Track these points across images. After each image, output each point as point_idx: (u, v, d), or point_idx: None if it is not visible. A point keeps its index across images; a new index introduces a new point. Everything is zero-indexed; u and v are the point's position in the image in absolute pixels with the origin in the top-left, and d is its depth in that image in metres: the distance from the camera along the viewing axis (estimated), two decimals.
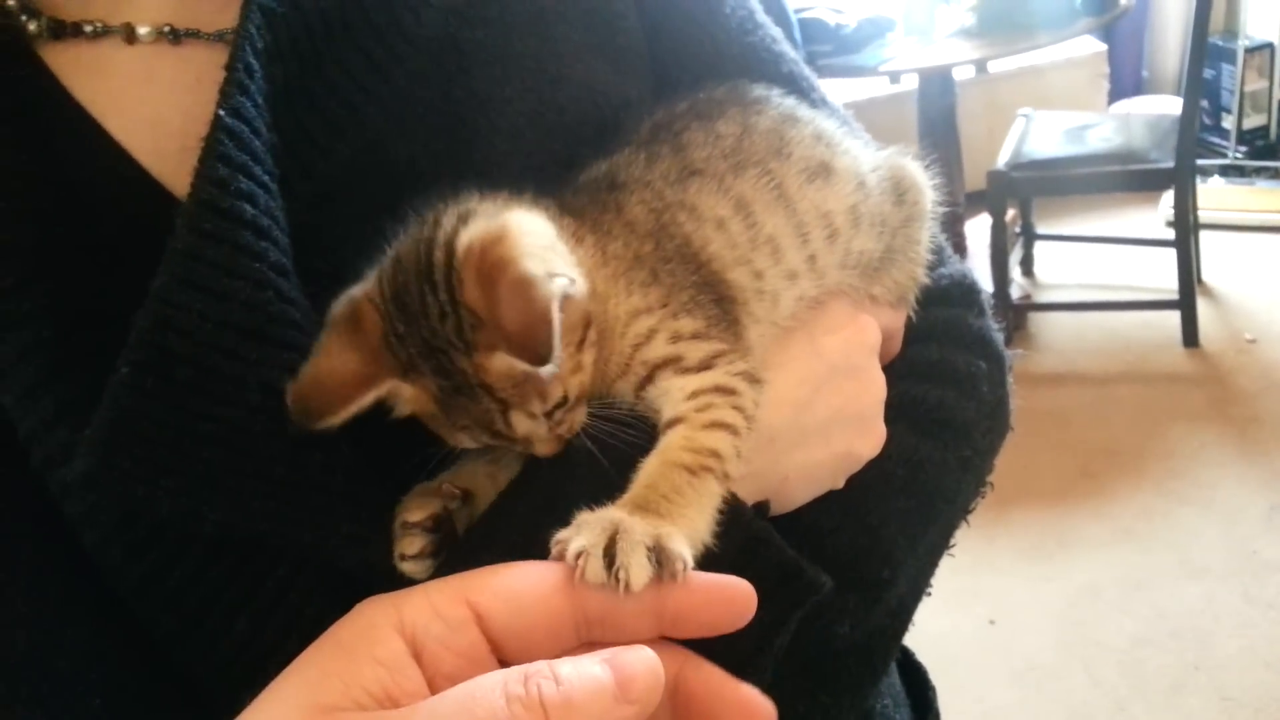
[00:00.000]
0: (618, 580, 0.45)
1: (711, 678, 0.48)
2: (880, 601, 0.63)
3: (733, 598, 0.47)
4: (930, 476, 0.66)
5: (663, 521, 0.49)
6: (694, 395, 0.55)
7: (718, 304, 0.58)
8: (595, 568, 0.45)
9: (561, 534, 0.47)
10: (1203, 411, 3.48)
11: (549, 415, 0.54)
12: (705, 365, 0.56)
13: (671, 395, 0.56)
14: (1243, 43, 4.87)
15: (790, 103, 0.69)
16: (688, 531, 0.50)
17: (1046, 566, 2.97)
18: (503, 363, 0.51)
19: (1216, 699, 2.52)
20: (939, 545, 0.71)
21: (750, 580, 0.52)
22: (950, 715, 0.91)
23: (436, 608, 0.44)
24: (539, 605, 0.45)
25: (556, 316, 0.49)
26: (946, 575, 0.73)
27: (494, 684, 0.40)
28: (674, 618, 0.46)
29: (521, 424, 0.54)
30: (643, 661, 0.42)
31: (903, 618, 0.68)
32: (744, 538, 0.54)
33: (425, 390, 0.53)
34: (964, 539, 0.73)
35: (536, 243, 0.52)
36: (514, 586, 0.45)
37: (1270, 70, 4.91)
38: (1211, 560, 2.89)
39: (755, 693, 0.47)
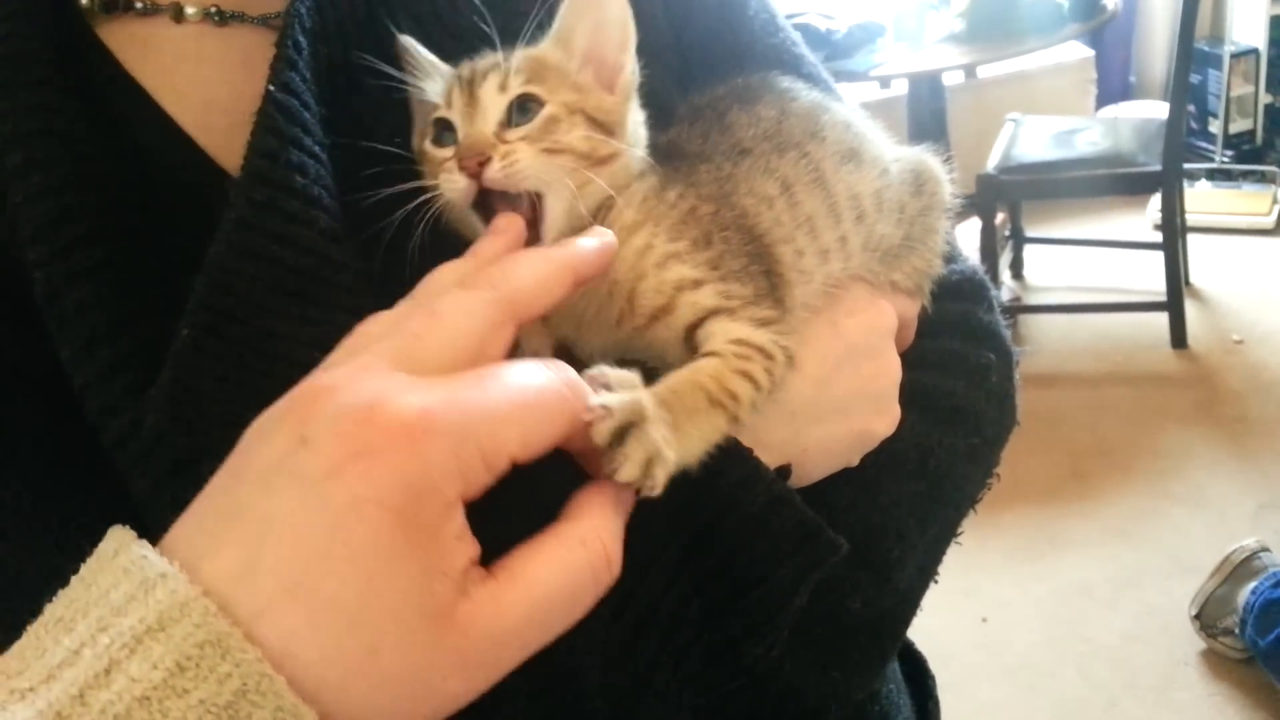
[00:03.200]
0: (611, 464, 0.47)
1: None
2: (890, 580, 0.65)
3: None
4: (940, 462, 0.68)
5: (670, 432, 0.50)
6: (738, 343, 0.56)
7: (766, 276, 0.59)
8: (602, 433, 0.46)
9: (604, 396, 0.48)
10: (1191, 412, 3.51)
11: (508, 121, 0.56)
12: (761, 322, 0.57)
13: (715, 336, 0.57)
14: (1228, 48, 4.91)
15: (817, 94, 0.71)
16: (682, 454, 0.51)
17: (1038, 565, 3.00)
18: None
19: (1206, 694, 2.55)
20: (947, 531, 0.72)
21: (771, 538, 0.56)
22: (944, 713, 0.92)
23: (489, 460, 0.45)
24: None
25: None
26: (939, 574, 0.74)
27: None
28: None
29: (489, 94, 0.57)
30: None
31: (911, 601, 0.70)
32: (767, 497, 0.56)
33: None
34: (955, 545, 0.75)
35: None
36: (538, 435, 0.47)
37: (1256, 75, 4.96)
38: (1201, 558, 2.90)
39: None
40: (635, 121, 0.61)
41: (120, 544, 0.41)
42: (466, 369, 0.44)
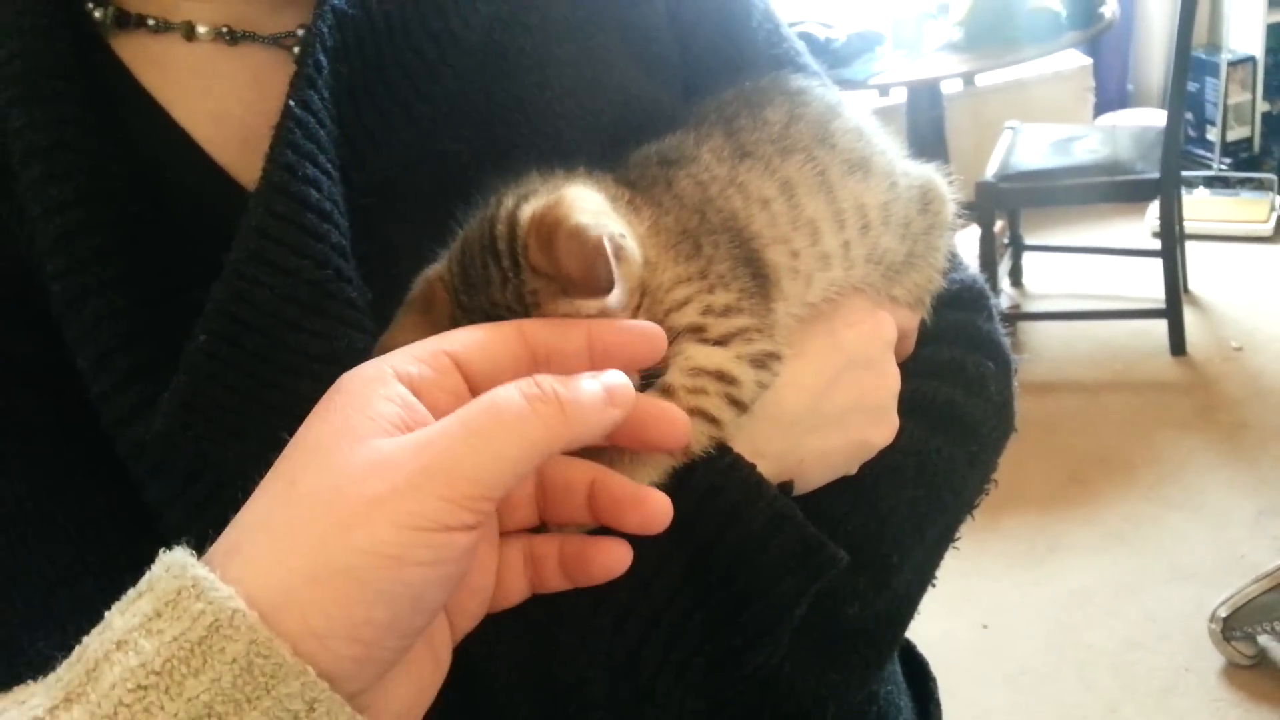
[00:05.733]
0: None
1: (614, 479, 0.53)
2: (888, 586, 0.66)
3: (648, 335, 0.53)
4: (939, 469, 0.69)
5: None
6: (695, 373, 0.57)
7: (754, 278, 0.60)
8: None
9: None
10: (1190, 418, 3.52)
11: None
12: (722, 340, 0.58)
13: (678, 362, 0.57)
14: (1225, 56, 4.92)
15: (832, 96, 0.71)
16: None
17: (1038, 572, 3.00)
18: (568, 309, 0.53)
19: (1206, 700, 2.56)
20: (945, 537, 0.73)
21: (772, 554, 0.56)
22: (945, 719, 0.93)
23: (420, 358, 0.48)
24: (502, 347, 0.50)
25: (609, 247, 0.51)
26: (940, 581, 0.75)
27: (510, 390, 0.45)
28: (602, 354, 0.51)
29: None
30: (619, 377, 0.49)
31: (909, 605, 0.71)
32: (769, 514, 0.57)
33: None
34: (953, 549, 0.75)
35: (588, 205, 0.54)
36: (479, 336, 0.50)
37: (1253, 83, 4.97)
38: (1200, 564, 2.92)
39: (651, 490, 0.52)
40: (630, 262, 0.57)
41: None
42: None
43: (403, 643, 0.43)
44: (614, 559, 0.51)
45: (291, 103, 0.57)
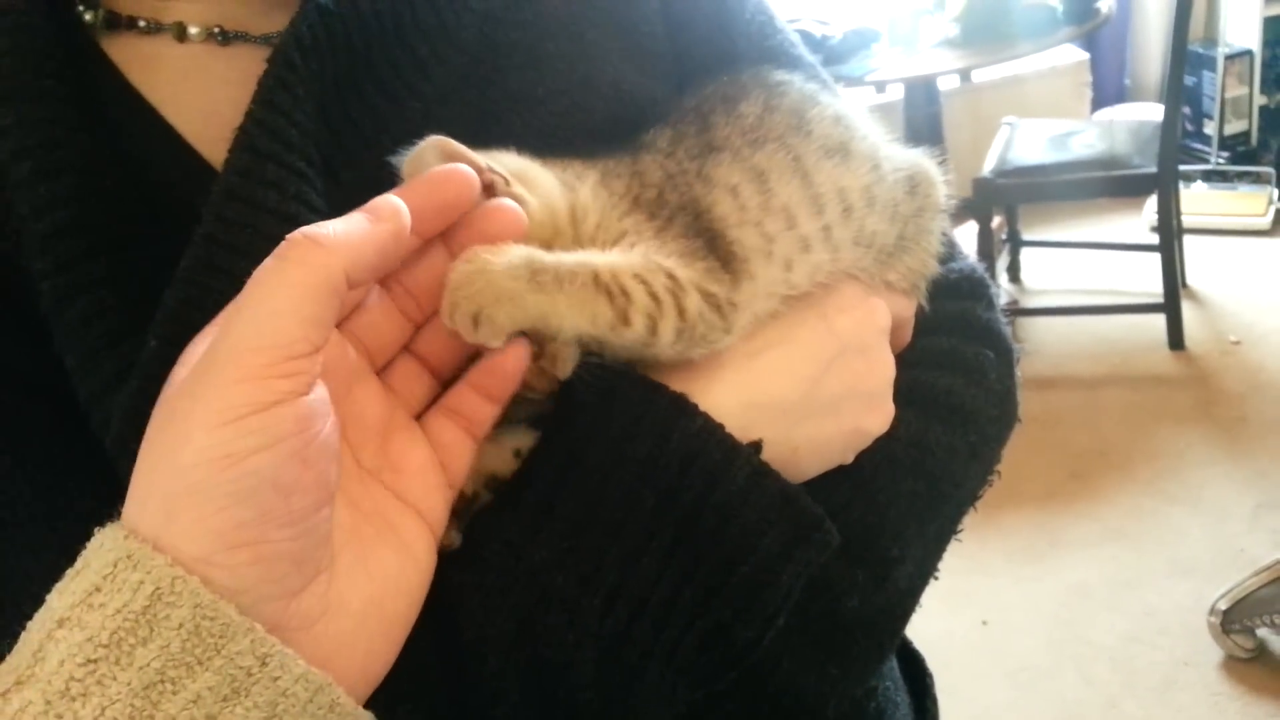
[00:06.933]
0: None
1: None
2: (888, 579, 0.65)
3: (442, 175, 0.52)
4: (939, 460, 0.68)
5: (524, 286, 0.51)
6: (645, 257, 0.56)
7: (712, 253, 0.59)
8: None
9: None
10: (1189, 413, 3.52)
11: None
12: (685, 264, 0.57)
13: (624, 241, 0.58)
14: (1222, 50, 4.92)
15: (813, 87, 0.70)
16: (534, 312, 0.52)
17: (1037, 567, 3.00)
18: None
19: (1206, 695, 2.56)
20: (947, 530, 0.72)
21: (754, 509, 0.56)
22: (945, 716, 0.92)
23: None
24: None
25: (436, 145, 0.54)
26: (939, 577, 0.74)
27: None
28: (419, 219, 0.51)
29: None
30: (384, 197, 0.49)
31: (910, 599, 0.70)
32: (748, 470, 0.56)
33: None
34: (955, 542, 0.74)
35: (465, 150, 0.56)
36: None
37: (1250, 77, 4.97)
38: (1199, 558, 2.92)
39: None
40: (537, 182, 0.59)
41: None
42: None
43: (297, 528, 0.44)
44: (511, 357, 0.53)
45: (254, 105, 0.57)
